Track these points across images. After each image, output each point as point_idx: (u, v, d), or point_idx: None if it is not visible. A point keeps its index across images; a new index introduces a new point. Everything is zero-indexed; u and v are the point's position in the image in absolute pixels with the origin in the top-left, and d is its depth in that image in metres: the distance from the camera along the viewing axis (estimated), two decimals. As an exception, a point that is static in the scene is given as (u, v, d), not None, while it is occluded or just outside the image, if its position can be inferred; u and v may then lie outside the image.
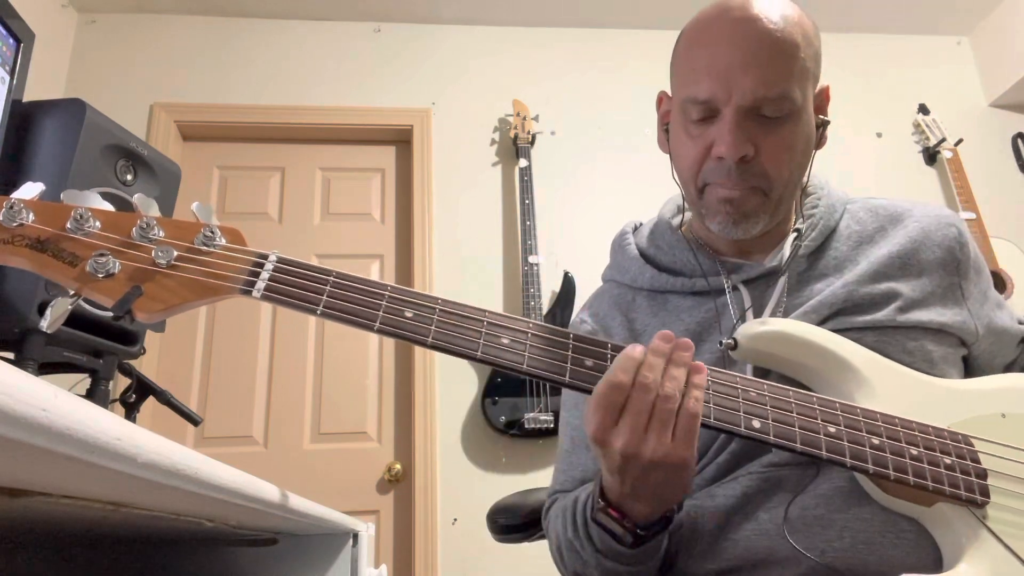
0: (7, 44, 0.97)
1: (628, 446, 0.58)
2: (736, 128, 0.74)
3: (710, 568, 0.72)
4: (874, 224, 0.84)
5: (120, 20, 2.62)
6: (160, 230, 0.60)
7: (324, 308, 0.61)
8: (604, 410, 0.59)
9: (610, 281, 0.94)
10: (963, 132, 2.70)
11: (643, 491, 0.62)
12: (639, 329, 0.86)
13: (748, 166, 0.75)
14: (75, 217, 0.58)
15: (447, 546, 2.18)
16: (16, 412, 0.22)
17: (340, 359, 2.39)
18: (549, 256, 2.47)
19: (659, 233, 0.90)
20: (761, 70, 0.73)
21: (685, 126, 0.79)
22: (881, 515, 0.66)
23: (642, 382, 0.59)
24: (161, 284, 0.58)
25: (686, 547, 0.74)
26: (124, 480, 0.32)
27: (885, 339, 0.74)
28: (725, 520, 0.72)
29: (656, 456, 0.58)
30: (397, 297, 0.62)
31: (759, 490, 0.71)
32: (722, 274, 0.83)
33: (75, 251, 0.57)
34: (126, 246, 0.59)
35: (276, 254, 0.62)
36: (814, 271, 0.81)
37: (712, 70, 0.74)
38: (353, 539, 0.95)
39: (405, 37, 2.74)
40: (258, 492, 0.51)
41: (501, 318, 0.63)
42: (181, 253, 0.60)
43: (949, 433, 0.67)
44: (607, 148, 2.67)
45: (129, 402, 1.14)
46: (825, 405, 0.65)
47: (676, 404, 0.59)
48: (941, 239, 0.81)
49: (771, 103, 0.73)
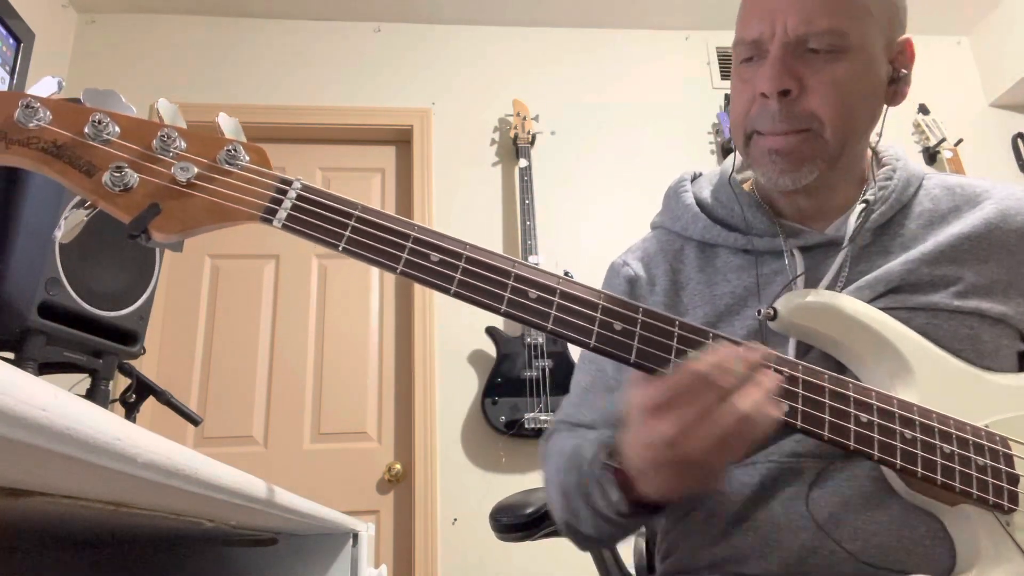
0: (7, 44, 0.97)
1: (674, 430, 0.55)
2: (778, 61, 0.71)
3: (717, 554, 0.71)
4: (949, 203, 0.79)
5: (120, 20, 2.62)
6: (182, 142, 0.57)
7: (346, 244, 0.57)
8: (665, 388, 0.56)
9: (659, 228, 0.91)
10: (963, 132, 2.70)
11: (662, 477, 0.59)
12: (682, 282, 0.82)
13: (793, 104, 0.71)
14: (94, 122, 0.54)
15: (447, 546, 2.18)
16: (16, 412, 0.22)
17: (340, 359, 2.39)
18: (549, 256, 2.47)
19: (720, 185, 0.86)
20: (807, 2, 0.70)
21: (737, 70, 0.77)
22: (898, 520, 0.64)
23: (718, 382, 0.55)
24: (180, 203, 0.55)
25: (700, 532, 0.73)
26: (124, 480, 0.32)
27: (937, 323, 0.70)
28: (742, 507, 0.70)
29: (695, 455, 0.55)
30: (423, 239, 0.59)
31: (776, 479, 0.69)
32: (780, 236, 0.78)
33: (92, 160, 0.54)
34: (145, 158, 0.55)
35: (300, 180, 0.59)
36: (877, 247, 0.76)
37: (758, 7, 0.73)
38: (353, 539, 0.95)
39: (405, 37, 2.74)
40: (258, 492, 0.51)
41: (531, 271, 0.60)
42: (202, 171, 0.56)
43: (986, 433, 0.64)
44: (607, 148, 2.67)
45: (129, 402, 1.14)
46: (860, 392, 0.62)
47: (740, 419, 0.54)
48: (1019, 224, 0.76)
49: (817, 36, 0.70)
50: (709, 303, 0.78)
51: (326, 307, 2.44)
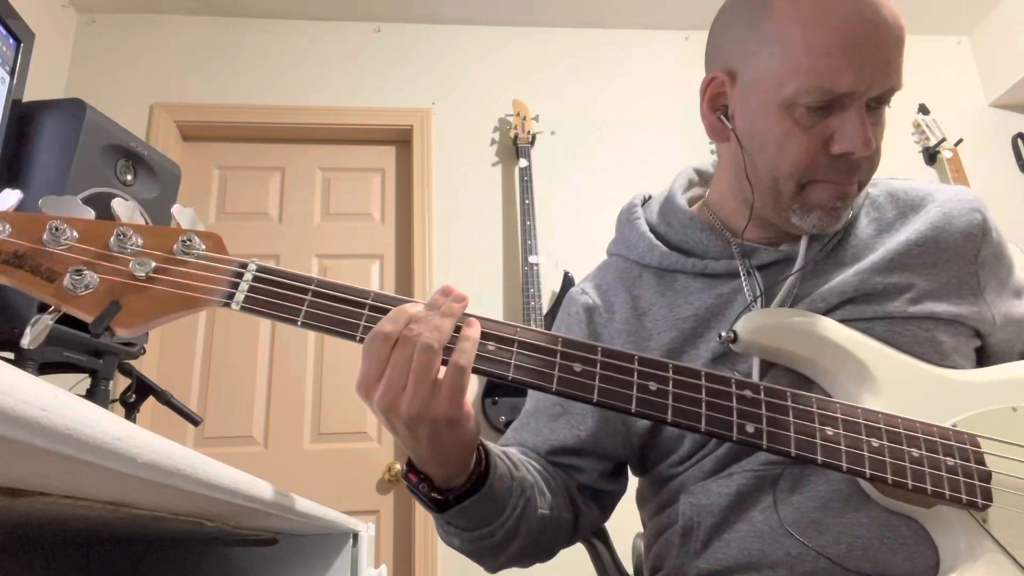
0: (7, 44, 0.97)
1: (384, 400, 0.55)
2: (866, 122, 0.68)
3: (702, 568, 0.71)
4: (894, 211, 0.80)
5: (120, 20, 2.62)
6: (138, 239, 0.59)
7: (304, 319, 0.59)
8: (368, 363, 0.56)
9: (616, 255, 0.90)
10: (963, 132, 2.70)
11: (420, 450, 0.59)
12: (644, 308, 0.82)
13: (863, 160, 0.71)
14: (51, 229, 0.57)
15: (447, 546, 2.18)
16: (16, 412, 0.22)
17: (340, 359, 2.39)
18: (549, 256, 2.47)
19: (670, 210, 0.85)
20: (897, 58, 0.68)
21: (792, 114, 0.69)
22: (879, 520, 0.65)
23: (406, 335, 0.56)
24: (140, 297, 0.57)
25: (680, 545, 0.73)
26: (124, 480, 0.32)
27: (895, 329, 0.71)
28: (720, 518, 0.71)
29: (412, 411, 0.55)
30: (379, 306, 0.60)
31: (754, 488, 0.70)
32: (736, 257, 0.79)
33: (52, 266, 0.56)
34: (103, 258, 0.58)
35: (255, 262, 0.60)
36: (832, 260, 0.77)
37: (853, 57, 0.66)
38: (353, 539, 0.95)
39: (405, 37, 2.74)
40: (258, 492, 0.51)
41: (488, 324, 0.60)
42: (159, 264, 0.58)
43: (954, 433, 0.65)
44: (607, 148, 2.67)
45: (129, 402, 1.14)
46: (824, 407, 0.63)
47: (435, 355, 0.55)
48: (964, 225, 0.77)
49: (889, 94, 0.69)
50: (674, 327, 0.78)
51: (326, 307, 2.44)
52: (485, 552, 0.73)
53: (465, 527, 0.69)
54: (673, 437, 0.77)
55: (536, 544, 0.75)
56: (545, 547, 0.78)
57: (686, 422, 0.60)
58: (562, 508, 0.78)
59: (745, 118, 0.74)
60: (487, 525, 0.68)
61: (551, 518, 0.75)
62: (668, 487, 0.79)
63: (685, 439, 0.76)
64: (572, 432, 0.81)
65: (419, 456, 0.61)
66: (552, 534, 0.77)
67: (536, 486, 0.74)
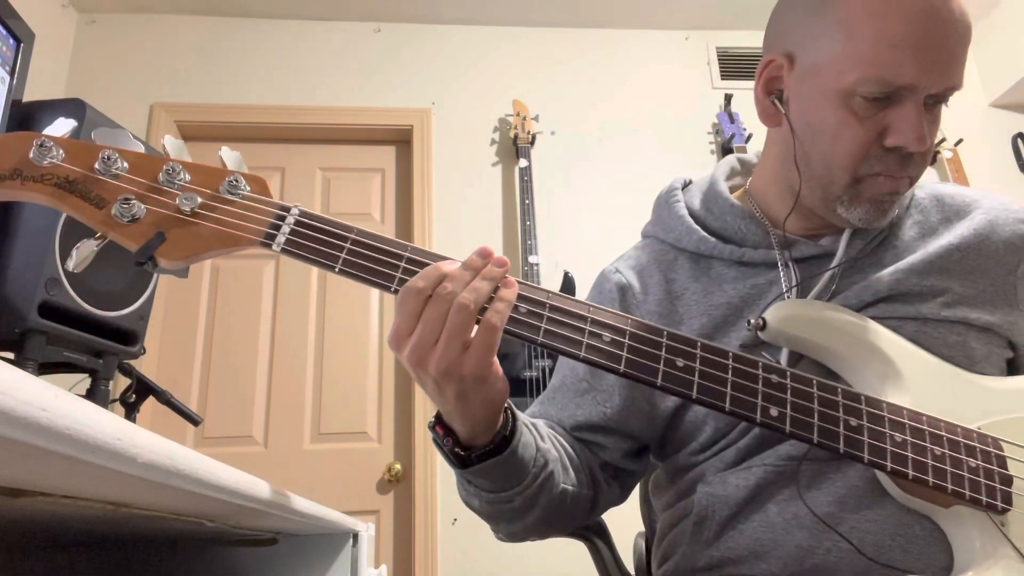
0: (7, 44, 0.97)
1: (414, 354, 0.56)
2: (923, 118, 0.67)
3: (713, 556, 0.71)
4: (939, 215, 0.79)
5: (120, 20, 2.62)
6: (186, 175, 0.60)
7: (342, 266, 0.59)
8: (400, 316, 0.57)
9: (651, 237, 0.89)
10: (963, 132, 2.70)
11: (447, 405, 0.60)
12: (677, 291, 0.81)
13: (916, 156, 0.70)
14: (103, 158, 0.58)
15: (447, 546, 2.18)
16: (16, 412, 0.22)
17: (340, 359, 2.39)
18: (549, 256, 2.47)
19: (711, 196, 0.84)
20: (962, 57, 0.67)
21: (849, 104, 0.68)
22: (893, 518, 0.64)
23: (440, 292, 0.56)
24: (184, 231, 0.58)
25: (693, 533, 0.73)
26: (124, 480, 0.32)
27: (926, 331, 0.71)
28: (735, 510, 0.71)
29: (442, 367, 0.55)
30: (416, 259, 0.60)
31: (772, 482, 0.69)
32: (775, 248, 0.78)
33: (102, 193, 0.58)
34: (152, 190, 0.59)
35: (299, 207, 0.61)
36: (871, 259, 0.76)
37: (918, 52, 0.65)
38: (353, 539, 0.95)
39: (405, 37, 2.74)
40: (258, 492, 0.51)
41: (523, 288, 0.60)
42: (205, 200, 0.60)
43: (978, 435, 0.64)
44: (607, 148, 2.67)
45: (129, 402, 1.14)
46: (849, 397, 0.63)
47: (470, 316, 0.55)
48: (1008, 235, 0.76)
49: (948, 93, 0.69)
50: (706, 313, 0.78)
51: (326, 307, 2.44)
52: (502, 517, 0.73)
53: (485, 488, 0.69)
54: (696, 422, 0.77)
55: (554, 517, 0.75)
56: (563, 521, 0.78)
57: (710, 400, 0.60)
58: (583, 485, 0.78)
59: (800, 104, 0.73)
60: (507, 490, 0.68)
61: (572, 494, 0.75)
62: (687, 477, 0.79)
63: (707, 426, 0.76)
64: (598, 409, 0.81)
65: (447, 411, 0.62)
66: (571, 510, 0.77)
67: (560, 460, 0.74)
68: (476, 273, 0.58)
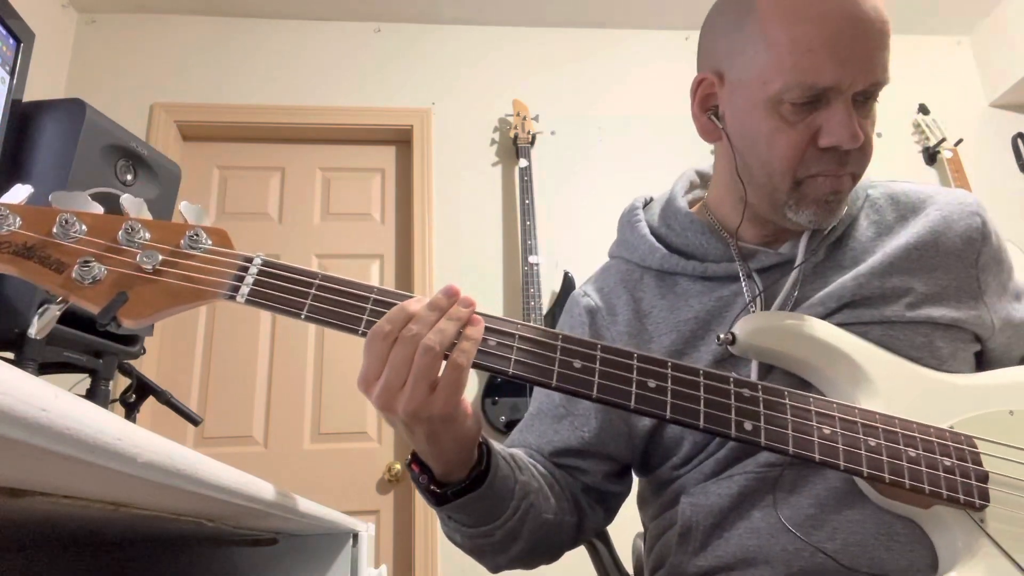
0: (7, 44, 0.97)
1: (381, 398, 0.56)
2: (853, 115, 0.68)
3: (701, 565, 0.71)
4: (894, 213, 0.80)
5: (120, 20, 2.62)
6: (146, 233, 0.60)
7: (308, 312, 0.59)
8: (368, 359, 0.57)
9: (617, 258, 0.90)
10: (963, 132, 2.70)
11: (419, 445, 0.60)
12: (645, 310, 0.82)
13: (854, 153, 0.71)
14: (61, 222, 0.58)
15: (447, 546, 2.18)
16: (16, 412, 0.22)
17: (340, 359, 2.39)
18: (549, 256, 2.47)
19: (670, 212, 0.85)
20: (881, 52, 0.68)
21: (779, 111, 0.70)
22: (875, 517, 0.65)
23: (405, 335, 0.56)
24: (147, 289, 0.58)
25: (679, 544, 0.73)
26: (124, 480, 0.32)
27: (892, 334, 0.72)
28: (720, 518, 0.71)
29: (409, 409, 0.56)
30: (382, 300, 0.60)
31: (754, 489, 0.70)
32: (736, 260, 0.79)
33: (61, 257, 0.57)
34: (112, 251, 0.59)
35: (261, 256, 0.61)
36: (831, 262, 0.77)
37: (835, 53, 0.66)
38: (353, 539, 0.95)
39: (405, 37, 2.74)
40: (258, 492, 0.51)
41: (490, 320, 0.61)
42: (166, 257, 0.59)
43: (951, 434, 0.65)
44: (607, 148, 2.67)
45: (129, 402, 1.14)
46: (821, 406, 0.64)
47: (436, 357, 0.56)
48: (963, 229, 0.77)
49: (876, 88, 0.69)
50: (675, 330, 0.79)
51: (326, 307, 2.44)
52: (485, 551, 0.74)
53: (466, 523, 0.70)
54: (674, 438, 0.77)
55: (539, 547, 0.75)
56: (548, 550, 0.78)
57: (684, 419, 0.60)
58: (566, 512, 0.78)
59: (734, 117, 0.75)
60: (488, 523, 0.69)
61: (554, 522, 0.75)
62: (669, 489, 0.79)
63: (685, 441, 0.76)
64: (575, 433, 0.81)
65: (420, 451, 0.63)
66: (556, 538, 0.77)
67: (541, 491, 0.74)
68: (442, 313, 0.58)
